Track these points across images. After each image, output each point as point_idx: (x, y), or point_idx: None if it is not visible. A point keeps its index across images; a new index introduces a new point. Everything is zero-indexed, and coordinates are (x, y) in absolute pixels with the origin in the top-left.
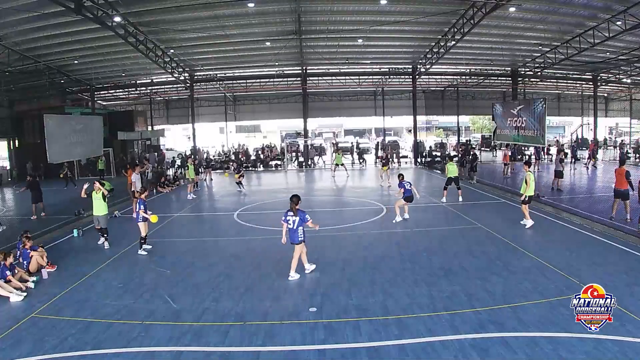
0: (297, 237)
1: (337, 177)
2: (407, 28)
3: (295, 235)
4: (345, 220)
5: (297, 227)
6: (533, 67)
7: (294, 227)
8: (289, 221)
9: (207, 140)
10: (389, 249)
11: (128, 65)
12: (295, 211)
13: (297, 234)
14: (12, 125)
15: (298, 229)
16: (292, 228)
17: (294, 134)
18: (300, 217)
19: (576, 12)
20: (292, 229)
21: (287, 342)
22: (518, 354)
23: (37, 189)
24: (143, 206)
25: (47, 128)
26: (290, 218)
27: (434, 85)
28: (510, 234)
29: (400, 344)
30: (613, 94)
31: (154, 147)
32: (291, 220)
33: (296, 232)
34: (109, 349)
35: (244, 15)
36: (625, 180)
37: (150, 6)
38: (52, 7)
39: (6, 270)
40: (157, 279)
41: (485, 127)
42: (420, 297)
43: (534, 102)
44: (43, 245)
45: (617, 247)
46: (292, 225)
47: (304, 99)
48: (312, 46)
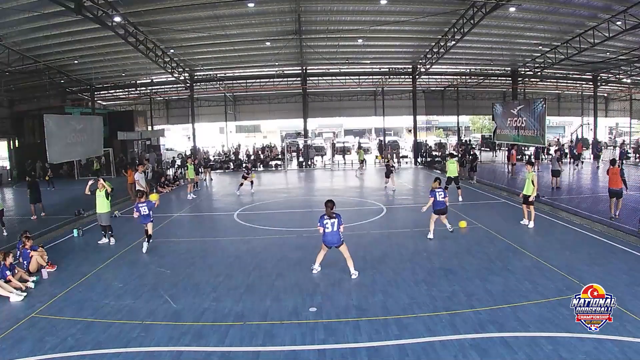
0: (340, 238)
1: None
2: (407, 28)
3: (338, 236)
4: (346, 220)
5: (337, 228)
6: (533, 67)
7: (334, 230)
8: (327, 224)
9: (207, 140)
10: (389, 249)
11: (128, 65)
12: (331, 215)
13: (339, 235)
14: (12, 125)
15: (338, 230)
16: (332, 230)
17: (294, 134)
18: (338, 220)
19: (576, 12)
20: (333, 232)
21: (287, 342)
22: (518, 354)
23: (36, 189)
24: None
25: (47, 128)
26: (327, 221)
27: (434, 85)
28: (510, 234)
29: (400, 344)
30: (613, 94)
31: (154, 147)
32: (329, 223)
33: (337, 233)
34: (109, 349)
35: (244, 15)
36: (620, 179)
37: (150, 6)
38: (52, 7)
39: (6, 270)
40: (157, 279)
41: (485, 127)
42: (420, 297)
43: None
44: (43, 245)
45: (617, 247)
46: (330, 228)
47: (304, 99)
48: (312, 46)
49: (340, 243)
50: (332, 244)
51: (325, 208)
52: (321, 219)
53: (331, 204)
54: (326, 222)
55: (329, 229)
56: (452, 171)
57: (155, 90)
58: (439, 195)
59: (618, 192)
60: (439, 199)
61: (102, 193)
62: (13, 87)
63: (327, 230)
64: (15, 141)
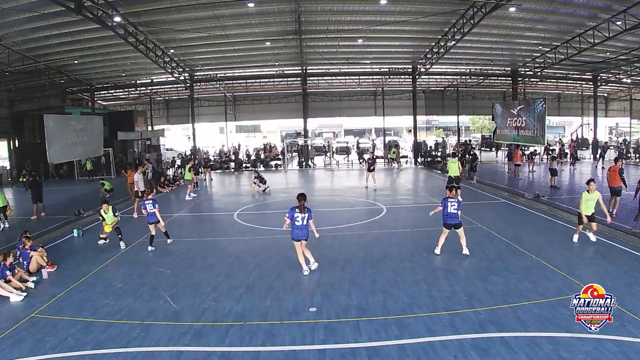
0: (308, 232)
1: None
2: (407, 28)
3: (307, 230)
4: (345, 220)
5: (307, 223)
6: (533, 67)
7: (304, 224)
8: (297, 218)
9: (207, 140)
10: (389, 249)
11: (128, 65)
12: (302, 209)
13: (307, 229)
14: (12, 125)
15: (307, 225)
16: (302, 224)
17: (294, 134)
18: (308, 215)
19: (576, 12)
20: (302, 225)
21: (287, 342)
22: (518, 354)
23: (37, 189)
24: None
25: (47, 128)
26: (298, 215)
27: (434, 85)
28: (510, 234)
29: (400, 344)
30: (613, 94)
31: (154, 147)
32: (299, 217)
33: (307, 227)
34: (109, 349)
35: (244, 15)
36: (619, 177)
37: (150, 6)
38: (52, 7)
39: (6, 270)
40: (157, 279)
41: (485, 127)
42: (420, 297)
43: (534, 102)
44: (43, 245)
45: (617, 247)
46: (300, 222)
47: (304, 99)
48: (312, 46)
49: (307, 238)
50: (301, 237)
51: (298, 202)
52: (291, 211)
53: (303, 197)
54: (297, 215)
55: (299, 222)
56: (454, 170)
57: (155, 90)
58: (451, 205)
59: (617, 190)
60: (450, 210)
61: (110, 213)
62: (13, 87)
63: (297, 223)
64: (15, 141)
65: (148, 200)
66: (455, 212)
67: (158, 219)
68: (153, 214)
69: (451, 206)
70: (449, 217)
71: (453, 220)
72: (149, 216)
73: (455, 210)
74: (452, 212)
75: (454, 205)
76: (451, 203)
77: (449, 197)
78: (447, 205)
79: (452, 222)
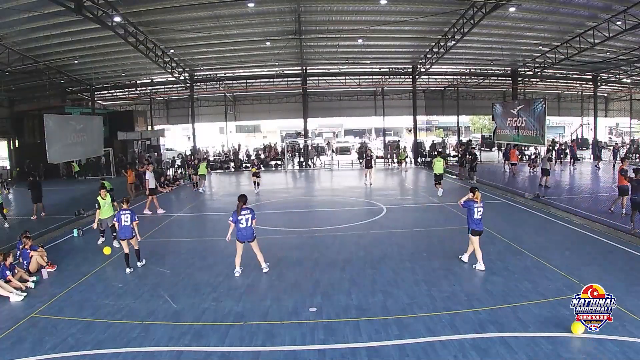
0: (253, 232)
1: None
2: (407, 28)
3: (251, 231)
4: (345, 220)
5: (251, 224)
6: (533, 67)
7: (248, 225)
8: (241, 220)
9: (207, 140)
10: (389, 249)
11: (128, 65)
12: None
13: (252, 230)
14: (12, 125)
15: (251, 225)
16: (247, 226)
17: (294, 134)
18: (251, 215)
19: (576, 12)
20: (247, 227)
21: (287, 342)
22: (518, 354)
23: (38, 189)
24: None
25: (47, 128)
26: (242, 217)
27: (434, 85)
28: (510, 234)
29: (400, 344)
30: (613, 94)
31: (154, 147)
32: (243, 219)
33: (251, 228)
34: (109, 349)
35: (244, 15)
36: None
37: (150, 6)
38: (52, 7)
39: (6, 270)
40: (157, 279)
41: (485, 127)
42: (420, 297)
43: (534, 102)
44: (43, 245)
45: (617, 247)
46: (244, 223)
47: (304, 99)
48: (312, 46)
49: (253, 238)
50: (246, 238)
51: (238, 203)
52: (234, 214)
53: (244, 198)
54: (241, 217)
55: (244, 224)
56: (438, 168)
57: (155, 90)
58: (477, 211)
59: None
60: (476, 216)
61: (107, 199)
62: (13, 87)
63: (242, 225)
64: (15, 141)
65: (125, 211)
66: (480, 218)
67: (134, 234)
68: (128, 228)
69: (478, 212)
70: (477, 225)
71: (480, 227)
72: (122, 231)
73: (481, 216)
74: (478, 217)
75: (480, 211)
76: (477, 209)
77: (474, 201)
78: (473, 211)
79: (479, 230)
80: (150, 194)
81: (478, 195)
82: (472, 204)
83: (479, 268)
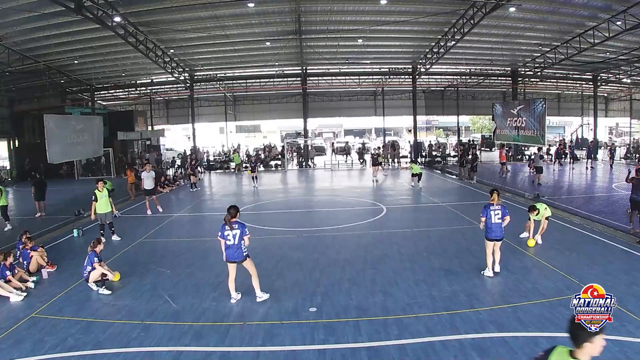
0: (242, 252)
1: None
2: (407, 28)
3: (240, 250)
4: (345, 220)
5: (239, 241)
6: (533, 67)
7: (236, 242)
8: (228, 236)
9: (207, 140)
10: (389, 249)
11: (128, 65)
12: (230, 224)
13: (242, 249)
14: (12, 125)
15: (241, 243)
16: (234, 244)
17: (294, 134)
18: (241, 230)
19: (576, 12)
20: (234, 245)
21: (287, 342)
22: (518, 354)
23: (41, 187)
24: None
25: (47, 128)
26: (229, 233)
27: (434, 85)
28: (510, 234)
29: (400, 344)
30: (613, 94)
31: (154, 147)
32: (230, 235)
33: (239, 247)
34: (109, 349)
35: (244, 15)
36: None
37: (150, 6)
38: (52, 7)
39: (6, 270)
40: (157, 279)
41: (485, 127)
42: (420, 297)
43: (534, 102)
44: (43, 245)
45: (617, 247)
46: (232, 240)
47: (304, 99)
48: (312, 46)
49: (243, 258)
50: (234, 259)
51: (226, 215)
52: (222, 228)
53: (234, 210)
54: (227, 233)
55: (231, 241)
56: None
57: (155, 90)
58: (495, 215)
59: None
60: (495, 220)
61: (104, 192)
62: (13, 87)
63: (229, 242)
64: (15, 141)
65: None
66: (500, 222)
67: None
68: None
69: (495, 216)
70: (492, 230)
71: (497, 233)
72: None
73: (499, 220)
74: (496, 222)
75: (498, 214)
76: (494, 212)
77: (491, 204)
78: (490, 215)
79: (495, 237)
80: (146, 194)
81: (495, 199)
82: (488, 210)
83: (487, 274)
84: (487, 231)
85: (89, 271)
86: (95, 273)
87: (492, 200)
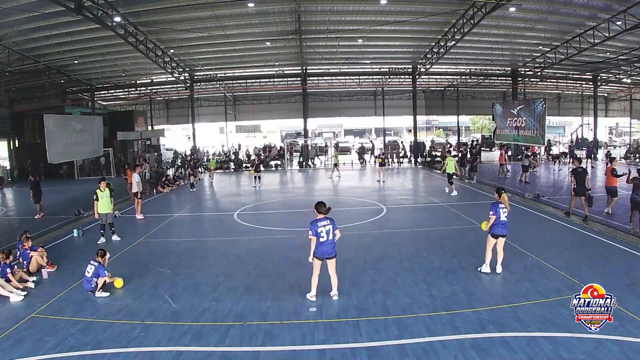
0: (334, 247)
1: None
2: (407, 28)
3: (334, 245)
4: (345, 220)
5: (333, 236)
6: (533, 67)
7: (330, 238)
8: (321, 233)
9: (207, 140)
10: (389, 249)
11: (128, 65)
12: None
13: (334, 243)
14: (12, 125)
15: (333, 238)
16: (327, 239)
17: (294, 134)
18: (332, 225)
19: (576, 12)
20: (328, 240)
21: (287, 342)
22: (518, 354)
23: (38, 189)
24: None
25: (47, 128)
26: (322, 228)
27: (434, 85)
28: (510, 234)
29: (400, 344)
30: (613, 94)
31: (154, 147)
32: (324, 230)
33: (333, 242)
34: (109, 349)
35: (244, 15)
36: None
37: (150, 6)
38: (52, 7)
39: (7, 267)
40: (157, 279)
41: (485, 127)
42: (420, 297)
43: (534, 102)
44: (43, 245)
45: (617, 247)
46: (325, 236)
47: (304, 99)
48: (312, 46)
49: (335, 253)
50: (329, 254)
51: (319, 211)
52: (313, 225)
53: (324, 208)
54: (321, 229)
55: (324, 237)
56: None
57: (155, 90)
58: (503, 213)
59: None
60: (502, 217)
61: (106, 192)
62: (13, 87)
63: (322, 239)
64: (15, 141)
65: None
66: (506, 220)
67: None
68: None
69: (503, 213)
70: (499, 226)
71: (503, 230)
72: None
73: (506, 218)
74: (503, 220)
75: (506, 212)
76: (503, 210)
77: (500, 203)
78: (499, 213)
79: (501, 233)
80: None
81: (503, 198)
82: (497, 207)
83: (483, 270)
84: (493, 228)
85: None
86: (101, 282)
87: (502, 199)
